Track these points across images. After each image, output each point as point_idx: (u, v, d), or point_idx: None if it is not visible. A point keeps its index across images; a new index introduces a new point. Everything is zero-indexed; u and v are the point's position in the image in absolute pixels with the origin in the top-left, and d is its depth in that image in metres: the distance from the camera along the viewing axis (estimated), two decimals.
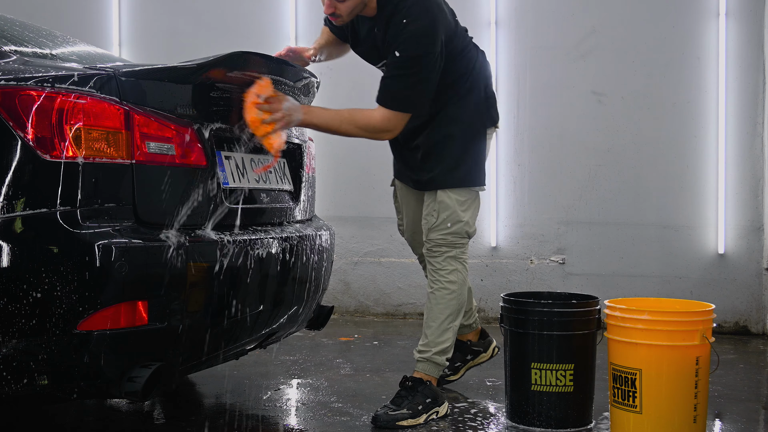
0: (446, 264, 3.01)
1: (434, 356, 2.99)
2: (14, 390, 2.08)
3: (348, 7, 2.82)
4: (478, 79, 3.05)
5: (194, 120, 2.39)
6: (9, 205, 2.04)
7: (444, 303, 3.01)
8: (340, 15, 2.85)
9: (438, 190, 3.00)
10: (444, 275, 3.01)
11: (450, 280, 3.00)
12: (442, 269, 3.01)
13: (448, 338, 3.01)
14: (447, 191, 2.99)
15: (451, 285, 3.00)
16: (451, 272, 3.01)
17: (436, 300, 3.02)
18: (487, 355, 3.49)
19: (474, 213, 3.05)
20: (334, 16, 2.86)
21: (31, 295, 2.02)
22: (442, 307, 3.01)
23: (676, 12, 4.81)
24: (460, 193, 3.00)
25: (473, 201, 3.05)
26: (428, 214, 3.03)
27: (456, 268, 3.02)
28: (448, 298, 3.01)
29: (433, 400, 2.94)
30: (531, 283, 5.00)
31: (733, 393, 3.38)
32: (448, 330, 3.01)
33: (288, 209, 2.91)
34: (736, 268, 4.74)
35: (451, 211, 2.98)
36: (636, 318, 2.62)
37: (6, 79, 2.10)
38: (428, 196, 3.04)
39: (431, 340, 3.01)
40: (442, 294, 3.01)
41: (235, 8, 5.36)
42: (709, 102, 4.78)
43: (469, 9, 5.08)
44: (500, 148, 5.05)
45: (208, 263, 2.31)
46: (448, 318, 3.01)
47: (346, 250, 5.26)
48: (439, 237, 3.00)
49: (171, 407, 3.11)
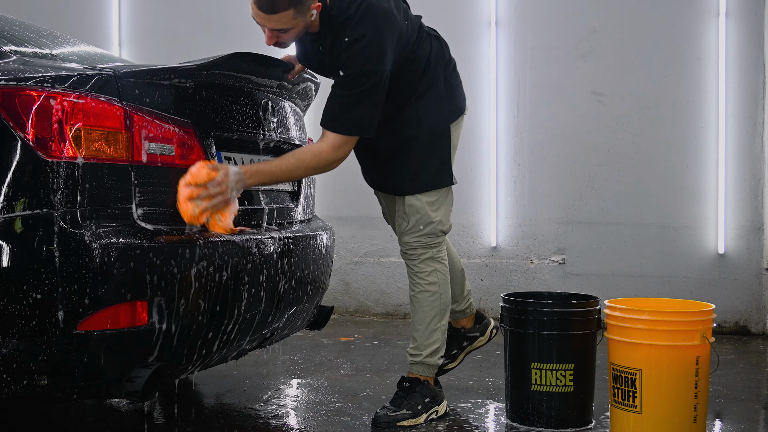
0: (424, 266, 2.95)
1: (426, 359, 2.97)
2: (14, 390, 2.08)
3: (291, 36, 2.65)
4: (436, 71, 2.88)
5: (194, 120, 2.39)
6: (9, 205, 2.04)
7: (427, 305, 2.96)
8: (283, 42, 2.68)
9: (406, 196, 2.91)
10: (423, 277, 2.95)
11: (430, 282, 2.95)
12: (421, 272, 2.96)
13: (437, 339, 2.98)
14: (415, 195, 2.89)
15: (431, 287, 2.95)
16: (430, 273, 2.95)
17: (419, 303, 2.97)
18: (485, 338, 3.34)
19: (447, 210, 2.96)
20: (278, 45, 2.69)
21: (30, 296, 2.02)
22: (426, 309, 2.96)
23: (676, 12, 4.81)
24: (428, 194, 2.90)
25: (444, 198, 2.94)
26: (399, 218, 2.96)
27: (434, 269, 2.96)
28: (430, 300, 2.96)
29: (432, 400, 2.94)
30: (531, 283, 5.00)
31: (733, 393, 3.38)
32: (436, 330, 2.97)
33: (288, 209, 2.91)
34: (736, 268, 4.74)
35: (421, 214, 2.90)
36: (636, 318, 2.62)
37: (6, 79, 2.10)
38: (397, 200, 2.96)
39: (420, 343, 2.97)
40: (424, 297, 2.96)
41: (235, 8, 5.36)
42: (709, 102, 4.78)
43: (469, 9, 5.09)
44: (500, 148, 5.05)
45: (207, 263, 2.31)
46: (434, 319, 2.96)
47: (346, 250, 5.26)
48: (413, 240, 2.93)
49: (171, 407, 3.12)
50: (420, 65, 2.83)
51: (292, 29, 2.60)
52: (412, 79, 2.83)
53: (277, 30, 2.59)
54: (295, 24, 2.58)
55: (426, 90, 2.86)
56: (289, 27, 2.59)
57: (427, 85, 2.86)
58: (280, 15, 2.54)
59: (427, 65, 2.84)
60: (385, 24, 2.64)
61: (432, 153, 2.89)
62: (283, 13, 2.54)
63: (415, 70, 2.82)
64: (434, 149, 2.89)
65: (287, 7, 2.52)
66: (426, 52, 2.84)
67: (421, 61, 2.82)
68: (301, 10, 2.56)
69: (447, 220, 2.96)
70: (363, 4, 2.63)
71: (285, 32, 2.61)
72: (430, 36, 2.90)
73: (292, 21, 2.57)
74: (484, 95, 5.01)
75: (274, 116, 2.82)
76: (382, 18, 2.63)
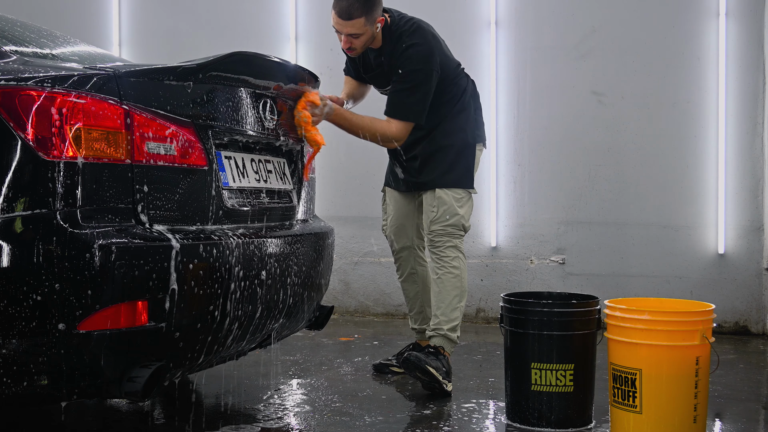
0: (449, 252, 3.39)
1: (448, 332, 3.33)
2: (14, 390, 2.08)
3: (361, 42, 3.33)
4: (469, 102, 3.53)
5: (194, 120, 2.39)
6: (9, 205, 2.04)
7: (451, 284, 3.37)
8: (354, 48, 3.34)
9: (436, 188, 3.42)
10: (449, 261, 3.39)
11: (454, 266, 3.38)
12: (446, 256, 3.39)
13: (458, 316, 3.37)
14: (444, 189, 3.42)
15: (455, 270, 3.38)
16: (454, 258, 3.39)
17: (443, 283, 3.37)
18: None
19: (468, 210, 3.47)
20: (350, 50, 3.35)
21: (31, 296, 2.02)
22: (450, 287, 3.37)
23: (676, 12, 4.82)
24: (455, 191, 3.43)
25: (467, 200, 3.47)
26: (429, 210, 3.44)
27: (458, 256, 3.41)
28: (453, 281, 3.37)
29: (448, 372, 3.27)
30: (531, 283, 5.00)
31: (733, 393, 3.39)
32: (457, 309, 3.37)
33: (288, 209, 2.91)
34: (736, 268, 4.74)
35: (448, 205, 3.40)
36: (636, 318, 2.62)
37: (6, 79, 2.10)
38: (428, 196, 3.47)
39: (443, 319, 3.34)
40: (448, 278, 3.37)
41: (235, 8, 5.36)
42: (709, 102, 4.78)
43: (469, 9, 5.09)
44: (500, 148, 5.05)
45: (207, 263, 2.31)
46: (456, 298, 3.37)
47: (346, 250, 5.26)
48: (440, 228, 3.40)
49: (171, 407, 3.12)
50: (459, 90, 3.49)
51: (362, 35, 3.30)
52: (452, 101, 3.47)
53: (351, 36, 3.29)
54: (365, 31, 3.29)
55: (460, 111, 3.49)
56: (361, 33, 3.29)
57: (461, 108, 3.50)
58: (354, 21, 3.25)
59: (463, 92, 3.51)
60: (432, 38, 3.39)
61: (460, 159, 3.46)
62: (356, 20, 3.25)
63: (454, 93, 3.48)
64: (462, 156, 3.47)
65: (360, 15, 3.24)
66: (464, 83, 3.54)
67: (459, 87, 3.50)
68: (370, 19, 3.28)
69: (468, 218, 3.46)
70: (415, 23, 3.40)
71: (357, 38, 3.31)
72: (468, 77, 3.59)
73: (363, 27, 3.27)
74: (484, 95, 4.94)
75: (274, 116, 2.82)
76: (429, 33, 3.40)
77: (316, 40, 5.26)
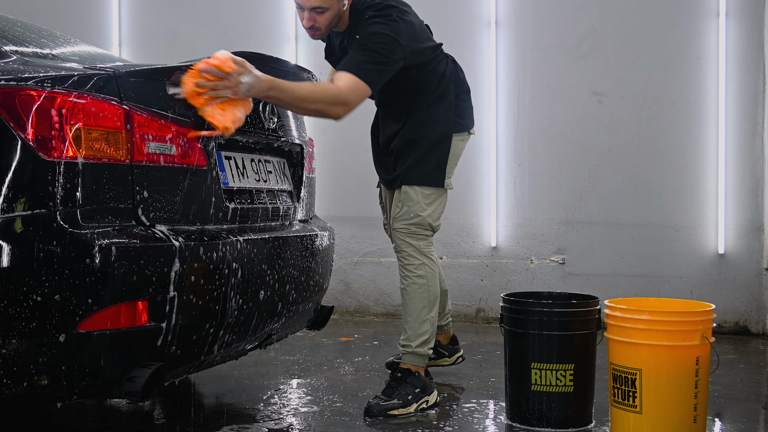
0: (412, 259, 3.18)
1: (417, 349, 3.15)
2: (15, 390, 2.08)
3: (326, 19, 3.01)
4: (449, 86, 3.23)
5: (194, 120, 2.39)
6: (9, 205, 2.04)
7: (417, 296, 3.17)
8: (318, 28, 3.05)
9: (403, 185, 3.18)
10: (412, 270, 3.17)
11: (418, 275, 3.17)
12: (410, 264, 3.18)
13: (427, 330, 3.16)
14: (412, 186, 3.17)
15: (419, 279, 3.16)
16: (419, 266, 3.17)
17: (409, 295, 3.18)
18: (449, 361, 3.65)
19: (438, 208, 3.21)
20: (313, 29, 3.05)
21: (31, 296, 2.02)
22: (416, 300, 3.17)
23: (676, 12, 4.81)
24: (424, 188, 3.17)
25: (438, 197, 3.20)
26: (394, 206, 3.22)
27: (423, 262, 3.18)
28: (419, 292, 3.16)
29: (422, 390, 3.08)
30: (531, 283, 5.00)
31: (733, 393, 3.38)
32: (426, 321, 3.16)
33: (288, 209, 2.91)
34: (736, 268, 4.74)
35: (414, 202, 3.16)
36: (636, 318, 2.62)
37: (6, 79, 2.10)
38: (396, 192, 3.23)
39: (411, 334, 3.16)
40: (413, 288, 3.17)
41: (235, 8, 5.36)
42: (709, 102, 4.78)
43: (469, 9, 5.09)
44: (500, 148, 5.05)
45: (207, 263, 2.31)
46: (423, 310, 3.16)
47: (346, 250, 5.26)
48: (403, 226, 3.18)
49: (171, 407, 3.12)
50: (436, 77, 3.18)
51: (327, 10, 2.97)
52: (429, 88, 3.17)
53: (315, 10, 2.97)
54: (331, 5, 2.97)
55: (437, 99, 3.19)
56: (326, 6, 2.96)
57: (439, 96, 3.19)
58: None
59: (441, 78, 3.20)
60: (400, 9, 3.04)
61: (431, 153, 3.18)
62: None
63: (432, 80, 3.17)
64: (435, 151, 3.18)
65: None
66: (443, 68, 3.21)
67: (437, 73, 3.19)
68: None
69: (437, 217, 3.21)
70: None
71: (321, 13, 2.98)
72: (447, 58, 3.29)
73: (328, 1, 2.95)
74: (484, 95, 5.01)
75: (274, 115, 2.82)
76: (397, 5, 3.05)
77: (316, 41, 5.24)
